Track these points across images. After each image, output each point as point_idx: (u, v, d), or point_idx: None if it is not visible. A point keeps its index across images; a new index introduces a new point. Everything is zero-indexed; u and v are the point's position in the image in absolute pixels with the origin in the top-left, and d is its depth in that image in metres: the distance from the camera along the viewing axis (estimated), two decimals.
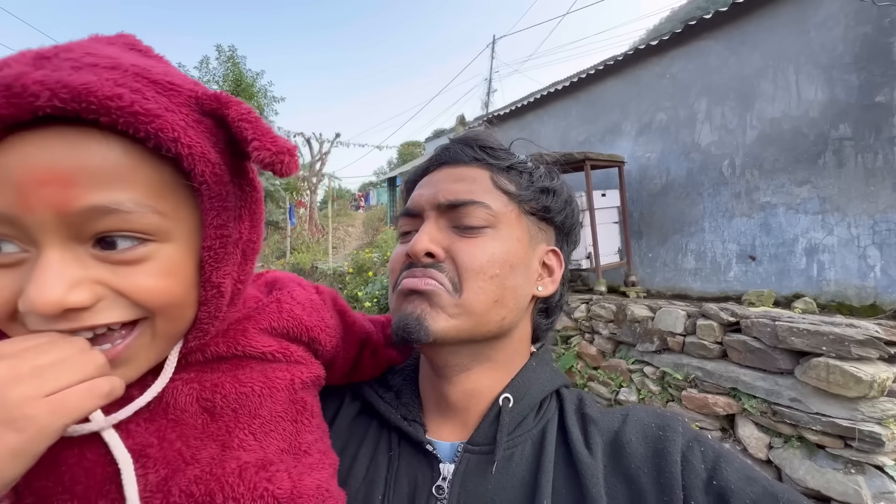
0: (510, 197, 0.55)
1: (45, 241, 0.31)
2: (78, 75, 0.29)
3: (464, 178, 0.56)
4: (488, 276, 0.51)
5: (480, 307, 0.51)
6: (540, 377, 0.57)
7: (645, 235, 4.20)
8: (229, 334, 0.44)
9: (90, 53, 0.32)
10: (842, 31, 2.96)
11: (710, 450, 0.47)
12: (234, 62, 15.20)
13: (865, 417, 2.10)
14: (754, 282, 3.40)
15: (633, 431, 0.50)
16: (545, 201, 0.57)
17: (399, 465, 0.53)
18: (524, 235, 0.56)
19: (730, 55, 3.56)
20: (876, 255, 2.83)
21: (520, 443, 0.52)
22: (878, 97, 2.81)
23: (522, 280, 0.55)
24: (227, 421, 0.42)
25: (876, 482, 2.03)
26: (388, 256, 7.85)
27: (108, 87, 0.30)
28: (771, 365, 2.47)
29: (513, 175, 0.57)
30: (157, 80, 0.33)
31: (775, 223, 3.29)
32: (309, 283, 0.57)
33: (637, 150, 4.26)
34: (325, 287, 0.60)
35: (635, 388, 3.21)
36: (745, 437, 2.54)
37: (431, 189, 0.56)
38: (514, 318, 0.55)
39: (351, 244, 15.19)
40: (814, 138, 3.09)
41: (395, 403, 0.58)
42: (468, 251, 0.51)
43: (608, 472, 0.48)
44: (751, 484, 0.43)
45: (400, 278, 0.54)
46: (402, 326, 0.50)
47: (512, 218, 0.55)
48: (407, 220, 0.58)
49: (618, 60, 4.38)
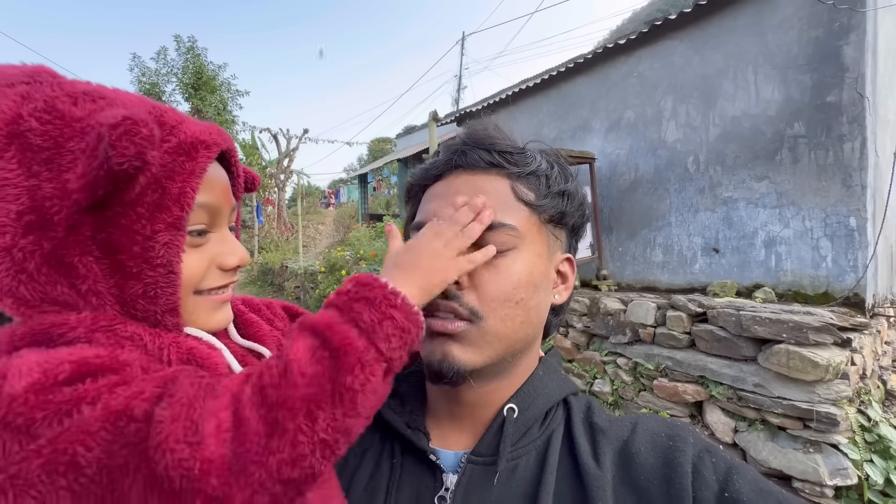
0: (531, 209, 0.53)
1: (223, 225, 0.47)
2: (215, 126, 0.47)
3: (485, 191, 0.52)
4: (514, 302, 0.50)
5: (508, 332, 0.50)
6: (547, 386, 0.56)
7: (615, 230, 4.31)
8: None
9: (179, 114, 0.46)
10: (796, 33, 3.11)
11: (721, 461, 0.46)
12: (195, 53, 14.52)
13: (822, 399, 2.23)
14: (718, 273, 3.55)
15: (642, 441, 0.49)
16: (561, 206, 0.55)
17: (402, 474, 0.52)
18: (543, 249, 0.54)
19: (693, 55, 3.69)
20: (827, 246, 3.00)
21: (524, 453, 0.51)
22: (828, 97, 2.98)
23: (544, 294, 0.54)
24: None
25: (832, 460, 2.16)
26: (362, 254, 7.74)
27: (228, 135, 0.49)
28: (736, 353, 2.58)
29: (532, 181, 0.54)
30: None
31: (737, 217, 3.44)
32: (259, 299, 0.62)
33: (607, 147, 4.36)
34: (274, 300, 0.64)
35: (609, 379, 3.29)
36: (713, 422, 2.66)
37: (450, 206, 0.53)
38: (537, 331, 0.55)
39: (322, 242, 14.88)
40: (771, 136, 3.25)
41: (399, 410, 0.56)
42: (493, 281, 0.50)
43: (617, 483, 0.47)
44: (764, 496, 0.43)
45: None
46: (436, 370, 0.49)
47: (534, 232, 0.53)
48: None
49: (587, 59, 4.46)
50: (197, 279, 0.43)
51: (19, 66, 0.40)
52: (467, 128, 0.59)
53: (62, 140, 0.36)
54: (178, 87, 14.44)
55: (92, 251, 0.37)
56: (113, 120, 0.33)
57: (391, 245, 0.52)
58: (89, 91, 0.39)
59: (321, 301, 7.84)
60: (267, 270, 11.87)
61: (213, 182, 0.44)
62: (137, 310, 0.40)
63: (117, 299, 0.39)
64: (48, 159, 0.36)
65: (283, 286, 10.31)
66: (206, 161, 0.42)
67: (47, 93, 0.37)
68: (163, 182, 0.38)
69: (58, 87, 0.38)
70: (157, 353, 0.39)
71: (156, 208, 0.38)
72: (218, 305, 0.47)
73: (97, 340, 0.37)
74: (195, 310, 0.44)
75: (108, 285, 0.38)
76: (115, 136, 0.33)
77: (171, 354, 0.40)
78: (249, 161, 16.00)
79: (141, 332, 0.39)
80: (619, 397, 3.19)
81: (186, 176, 0.40)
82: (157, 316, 0.40)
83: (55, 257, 0.37)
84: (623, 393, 3.16)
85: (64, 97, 0.37)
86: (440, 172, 0.56)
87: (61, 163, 0.36)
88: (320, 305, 0.81)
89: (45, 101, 0.37)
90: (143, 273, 0.39)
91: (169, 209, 0.39)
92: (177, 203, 0.39)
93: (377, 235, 9.15)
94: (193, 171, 0.40)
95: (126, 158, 0.33)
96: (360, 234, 9.53)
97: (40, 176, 0.36)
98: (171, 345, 0.40)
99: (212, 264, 0.45)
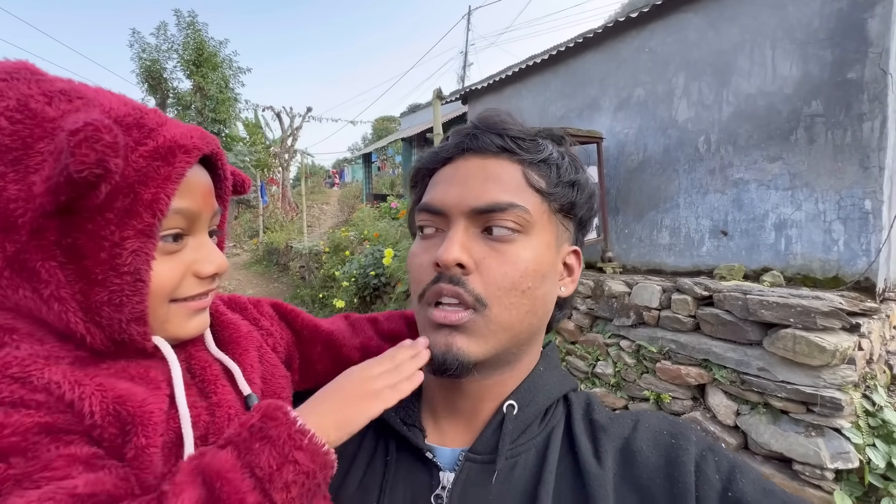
0: (542, 196, 0.52)
1: (202, 230, 0.45)
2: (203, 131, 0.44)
3: (495, 175, 0.51)
4: (520, 290, 0.49)
5: (513, 322, 0.49)
6: (547, 383, 0.54)
7: (622, 212, 4.24)
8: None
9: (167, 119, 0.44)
10: (818, 5, 2.97)
11: (724, 460, 0.46)
12: (196, 29, 14.21)
13: (827, 384, 2.21)
14: (725, 256, 3.49)
15: (644, 439, 0.49)
16: (571, 196, 0.54)
17: (396, 472, 0.51)
18: (552, 238, 0.53)
19: (708, 29, 3.54)
20: (840, 229, 2.94)
21: (523, 451, 0.50)
22: (850, 74, 2.85)
23: (551, 286, 0.53)
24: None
25: (834, 443, 2.16)
26: (366, 234, 7.74)
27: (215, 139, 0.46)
28: (741, 337, 2.56)
29: (543, 169, 0.53)
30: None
31: (747, 199, 3.37)
32: (247, 298, 0.60)
33: (615, 126, 4.25)
34: (264, 298, 0.63)
35: (611, 361, 3.29)
36: (715, 405, 2.66)
37: (459, 188, 0.51)
38: (542, 323, 0.54)
39: (326, 222, 14.89)
40: (787, 115, 3.14)
41: (394, 406, 0.55)
42: (500, 268, 0.49)
43: (618, 482, 0.46)
44: (767, 496, 0.42)
45: (427, 291, 0.50)
46: (441, 362, 0.48)
47: (544, 220, 0.52)
48: (428, 216, 0.53)
49: (597, 33, 4.30)
50: (170, 287, 0.41)
51: (0, 63, 0.38)
52: (479, 114, 0.57)
53: (31, 141, 0.35)
54: (179, 63, 14.21)
55: (56, 256, 0.36)
56: (73, 125, 0.32)
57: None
58: (67, 90, 0.37)
59: (325, 281, 7.84)
60: (272, 250, 11.92)
61: (193, 186, 0.42)
62: (102, 317, 0.38)
63: (81, 306, 0.37)
64: (16, 160, 0.34)
65: (288, 266, 10.37)
66: (184, 166, 0.40)
67: (22, 90, 0.36)
68: (136, 187, 0.37)
69: (35, 84, 0.37)
70: (76, 405, 0.35)
71: (126, 214, 0.37)
72: (193, 313, 0.45)
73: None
74: (168, 318, 0.42)
75: (71, 291, 0.37)
76: (73, 143, 0.31)
77: (94, 406, 0.36)
78: (253, 140, 15.89)
79: (60, 379, 0.35)
80: (621, 379, 3.20)
81: (161, 181, 0.38)
82: (122, 324, 0.39)
83: (18, 261, 0.35)
84: (625, 375, 3.16)
85: (39, 96, 0.36)
86: (450, 156, 0.55)
87: (29, 164, 0.34)
88: (324, 286, 0.83)
89: (17, 99, 0.35)
90: (108, 280, 0.37)
91: (140, 215, 0.37)
92: (149, 209, 0.37)
93: (381, 215, 9.12)
94: (169, 176, 0.39)
95: (85, 166, 0.32)
96: (365, 214, 9.51)
97: (6, 177, 0.34)
98: (95, 393, 0.36)
99: (187, 272, 0.43)
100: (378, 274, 5.93)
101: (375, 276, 5.96)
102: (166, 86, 14.26)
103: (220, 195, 0.48)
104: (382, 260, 5.73)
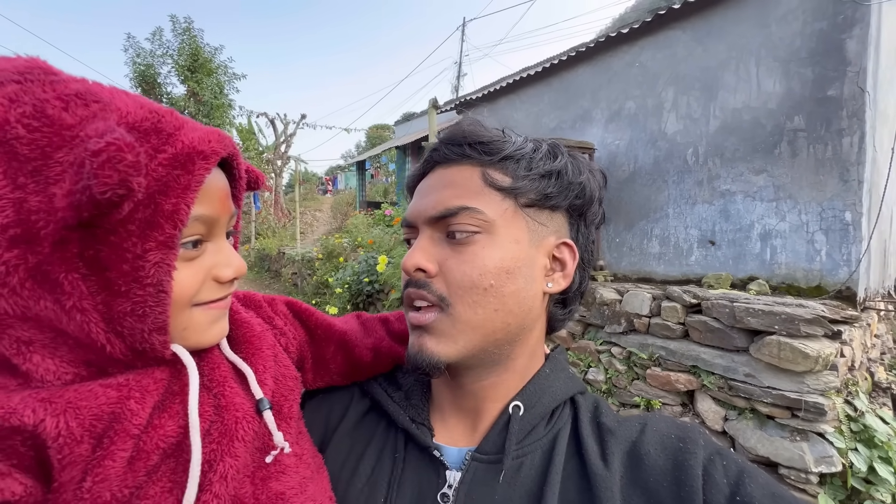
0: (504, 193, 0.52)
1: (220, 234, 0.45)
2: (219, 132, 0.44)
3: (452, 181, 0.53)
4: (481, 289, 0.49)
5: (480, 320, 0.50)
6: (553, 384, 0.55)
7: (613, 221, 4.32)
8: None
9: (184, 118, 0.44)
10: (800, 25, 3.10)
11: (732, 464, 0.45)
12: (191, 35, 14.25)
13: (811, 390, 2.28)
14: (713, 265, 3.57)
15: (651, 442, 0.48)
16: (545, 188, 0.53)
17: (404, 469, 0.52)
18: (523, 235, 0.52)
19: (696, 45, 3.66)
20: (822, 240, 3.03)
21: (529, 452, 0.50)
22: (830, 91, 2.98)
23: (525, 282, 0.52)
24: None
25: (818, 448, 2.22)
26: (359, 241, 7.74)
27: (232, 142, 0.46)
28: (728, 343, 2.62)
29: (508, 166, 0.53)
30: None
31: (734, 210, 3.46)
32: (262, 295, 0.60)
33: (607, 138, 4.35)
34: (279, 296, 0.62)
35: (603, 367, 3.33)
36: (703, 410, 2.71)
37: (423, 199, 0.54)
38: (521, 320, 0.52)
39: (319, 229, 14.84)
40: (771, 129, 3.25)
41: (403, 404, 0.56)
42: (459, 268, 0.50)
43: (625, 484, 0.46)
44: (776, 501, 0.42)
45: (403, 297, 0.54)
46: (413, 362, 0.51)
47: (508, 217, 0.51)
48: (406, 228, 0.57)
49: (589, 47, 4.42)
50: (191, 293, 0.41)
51: (12, 60, 0.37)
52: (446, 128, 0.60)
53: (50, 150, 0.34)
54: (173, 68, 14.21)
55: (79, 268, 0.36)
56: (95, 146, 0.31)
57: None
58: (82, 92, 0.36)
59: (318, 288, 7.80)
60: (264, 256, 11.85)
61: (211, 192, 0.42)
62: (124, 327, 0.38)
63: (103, 317, 0.37)
64: (35, 170, 0.34)
65: (280, 272, 10.31)
66: (203, 173, 0.39)
67: (38, 94, 0.35)
68: (156, 197, 0.36)
69: (49, 87, 0.35)
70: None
71: (147, 226, 0.36)
72: (214, 317, 0.45)
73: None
74: (189, 325, 0.42)
75: (94, 302, 0.37)
76: (97, 165, 0.31)
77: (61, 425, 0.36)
78: (246, 146, 15.85)
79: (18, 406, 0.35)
80: (612, 385, 3.24)
81: (181, 191, 0.38)
82: (145, 334, 0.39)
83: (40, 272, 0.35)
84: (616, 381, 3.21)
85: (55, 100, 0.35)
86: (424, 171, 0.58)
87: (49, 175, 0.34)
88: (317, 292, 0.80)
89: (34, 104, 0.34)
90: (131, 291, 0.37)
91: (161, 227, 0.37)
92: (169, 221, 0.37)
93: (374, 223, 9.13)
94: (189, 185, 0.38)
95: (109, 187, 0.32)
96: (358, 221, 9.51)
97: (26, 188, 0.34)
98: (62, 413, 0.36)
99: (207, 277, 0.43)
100: (372, 281, 5.94)
101: (369, 283, 5.97)
102: (160, 90, 14.24)
103: (235, 194, 0.48)
104: (376, 267, 5.75)
